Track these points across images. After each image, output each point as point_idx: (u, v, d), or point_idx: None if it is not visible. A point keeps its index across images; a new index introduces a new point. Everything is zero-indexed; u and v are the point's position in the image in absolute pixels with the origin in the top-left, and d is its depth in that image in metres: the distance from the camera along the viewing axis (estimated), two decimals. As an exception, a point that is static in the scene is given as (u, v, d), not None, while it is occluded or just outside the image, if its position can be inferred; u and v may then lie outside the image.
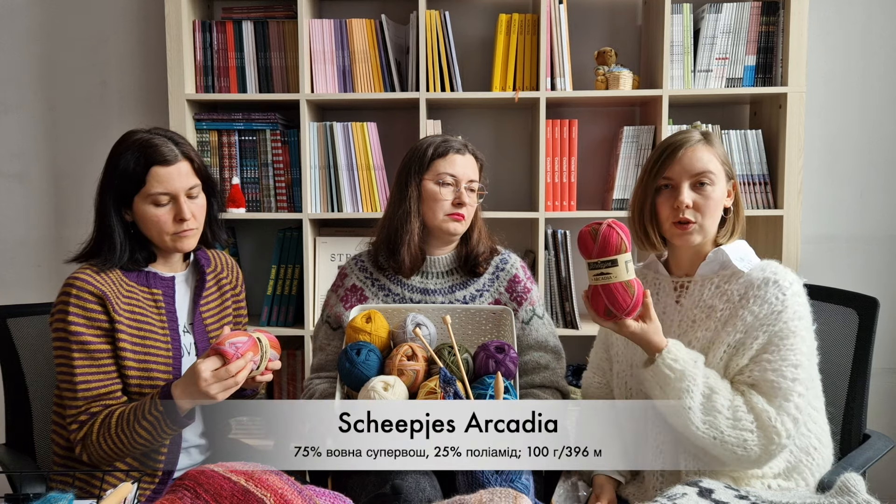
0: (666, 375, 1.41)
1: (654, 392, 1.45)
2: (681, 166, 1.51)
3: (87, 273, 1.50)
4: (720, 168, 1.51)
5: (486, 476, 1.07)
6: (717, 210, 1.51)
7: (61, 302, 1.48)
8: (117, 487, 1.04)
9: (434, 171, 1.71)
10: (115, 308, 1.49)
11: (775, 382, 1.40)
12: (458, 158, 1.72)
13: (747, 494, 1.35)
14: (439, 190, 1.70)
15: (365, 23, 2.39)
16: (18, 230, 2.70)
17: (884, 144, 2.60)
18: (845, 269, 2.61)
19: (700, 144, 1.52)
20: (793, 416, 1.39)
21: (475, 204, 1.75)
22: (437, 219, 1.72)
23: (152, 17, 2.61)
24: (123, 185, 1.50)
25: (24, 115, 2.67)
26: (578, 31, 2.55)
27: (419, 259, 1.75)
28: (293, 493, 0.89)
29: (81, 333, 1.46)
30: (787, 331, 1.42)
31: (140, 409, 1.44)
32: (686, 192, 1.50)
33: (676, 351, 1.43)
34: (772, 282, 1.46)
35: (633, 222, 1.59)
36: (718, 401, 1.40)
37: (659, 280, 1.61)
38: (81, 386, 1.46)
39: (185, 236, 1.54)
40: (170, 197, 1.51)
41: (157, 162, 1.49)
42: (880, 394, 2.55)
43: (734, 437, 1.38)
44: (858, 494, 1.34)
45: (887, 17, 2.56)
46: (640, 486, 1.55)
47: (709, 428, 1.39)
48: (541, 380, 1.71)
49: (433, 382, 1.47)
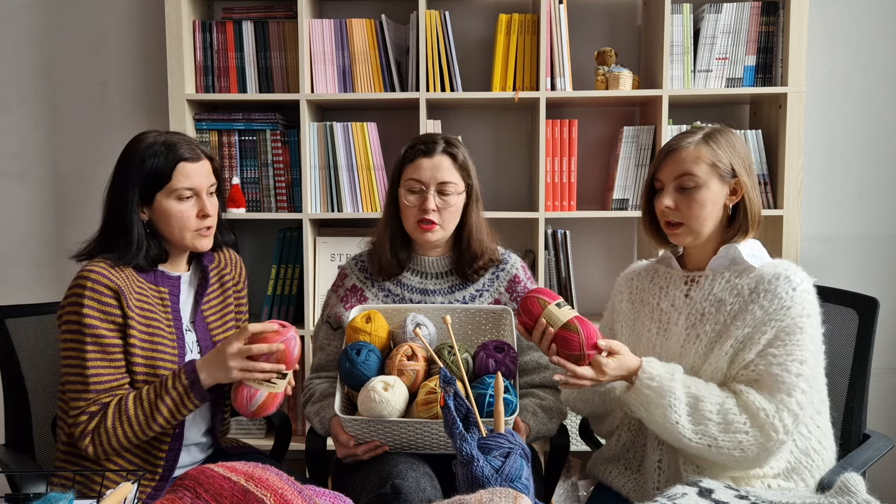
0: (646, 395, 1.41)
1: (640, 413, 1.45)
2: (667, 168, 1.51)
3: (102, 266, 1.50)
4: (709, 169, 1.48)
5: (486, 476, 1.07)
6: (703, 211, 1.48)
7: (75, 294, 1.48)
8: (117, 487, 1.04)
9: (404, 177, 1.68)
10: (129, 303, 1.49)
11: (779, 377, 1.39)
12: (425, 162, 1.66)
13: (747, 494, 1.35)
14: (407, 196, 1.67)
15: (365, 23, 2.39)
16: (19, 230, 2.70)
17: (884, 144, 2.60)
18: (845, 269, 2.61)
19: (693, 146, 1.49)
20: (793, 413, 1.38)
21: (452, 205, 1.67)
22: (410, 226, 1.70)
23: (152, 18, 2.61)
24: (148, 181, 1.52)
25: (24, 115, 2.67)
26: (578, 31, 2.55)
27: (393, 266, 1.74)
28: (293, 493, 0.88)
29: (96, 326, 1.46)
30: (794, 326, 1.42)
31: (161, 387, 1.46)
32: (668, 195, 1.50)
33: (651, 369, 1.42)
34: (783, 277, 1.45)
35: (643, 222, 1.62)
36: (706, 408, 1.39)
37: (670, 274, 1.60)
38: (93, 379, 1.46)
39: (206, 235, 1.58)
40: (193, 193, 1.54)
41: (184, 158, 1.53)
42: (880, 394, 2.55)
43: (728, 440, 1.38)
44: (858, 494, 1.34)
45: (887, 17, 2.56)
46: (640, 486, 1.56)
47: (701, 437, 1.39)
48: (541, 379, 1.71)
49: (433, 382, 1.47)
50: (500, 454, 1.10)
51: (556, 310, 1.45)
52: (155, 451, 1.54)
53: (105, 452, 1.47)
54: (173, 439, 1.54)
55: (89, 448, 1.47)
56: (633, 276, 1.68)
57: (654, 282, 1.62)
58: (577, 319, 1.44)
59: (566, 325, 1.43)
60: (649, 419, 1.44)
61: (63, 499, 1.04)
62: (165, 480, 1.54)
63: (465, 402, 1.18)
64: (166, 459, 1.54)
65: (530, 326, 1.47)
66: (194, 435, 1.63)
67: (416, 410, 1.47)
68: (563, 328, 1.43)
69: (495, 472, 1.07)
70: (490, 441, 1.12)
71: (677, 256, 1.63)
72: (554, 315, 1.45)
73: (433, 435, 1.46)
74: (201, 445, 1.67)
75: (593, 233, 2.66)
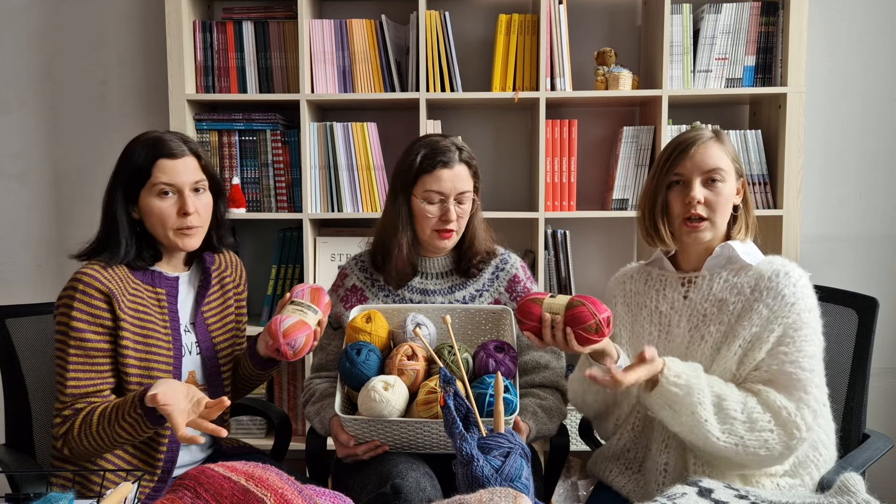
0: (674, 393, 1.38)
1: (663, 413, 1.42)
2: (692, 163, 1.50)
3: (95, 269, 1.50)
4: (731, 165, 1.51)
5: (486, 475, 1.07)
6: (727, 207, 1.51)
7: (67, 296, 1.49)
8: (117, 487, 1.04)
9: (421, 186, 1.66)
10: (121, 306, 1.49)
11: (794, 374, 1.39)
12: (445, 173, 1.65)
13: (747, 494, 1.35)
14: (426, 207, 1.67)
15: (365, 23, 2.39)
16: (19, 230, 2.70)
17: (883, 144, 2.60)
18: (845, 269, 2.61)
19: (711, 142, 1.52)
20: (812, 409, 1.38)
21: (467, 213, 1.70)
22: (425, 234, 1.70)
23: (152, 18, 2.61)
24: (131, 179, 1.52)
25: (25, 116, 2.67)
26: (578, 31, 2.55)
27: (407, 273, 1.74)
28: (293, 493, 0.89)
29: (82, 330, 1.47)
30: (800, 322, 1.43)
31: (121, 410, 1.42)
32: (698, 189, 1.50)
33: (676, 367, 1.41)
34: (782, 273, 1.46)
35: (642, 219, 1.60)
36: (730, 406, 1.38)
37: (665, 276, 1.60)
38: (71, 382, 1.47)
39: (189, 234, 1.55)
40: (174, 190, 1.53)
41: (163, 154, 1.51)
42: (880, 394, 2.56)
43: (755, 439, 1.37)
44: (858, 494, 1.34)
45: (887, 17, 2.56)
46: (640, 486, 1.55)
47: (728, 436, 1.37)
48: (541, 379, 1.71)
49: (433, 382, 1.47)
50: (500, 454, 1.10)
51: (552, 300, 1.46)
52: (153, 450, 1.54)
53: (79, 457, 1.48)
54: (171, 440, 1.54)
55: (64, 450, 1.48)
56: (625, 280, 1.67)
57: (648, 284, 1.61)
58: (576, 297, 1.44)
59: (569, 305, 1.43)
60: (675, 420, 1.40)
61: (63, 499, 1.04)
62: (164, 481, 1.54)
63: (465, 402, 1.18)
64: (165, 459, 1.54)
65: (537, 328, 1.46)
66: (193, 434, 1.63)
67: (416, 410, 1.47)
68: (569, 308, 1.42)
69: (495, 471, 1.07)
70: (490, 441, 1.12)
71: (669, 257, 1.63)
72: (553, 304, 1.45)
73: (433, 435, 1.46)
74: (201, 445, 1.66)
75: (593, 233, 2.66)
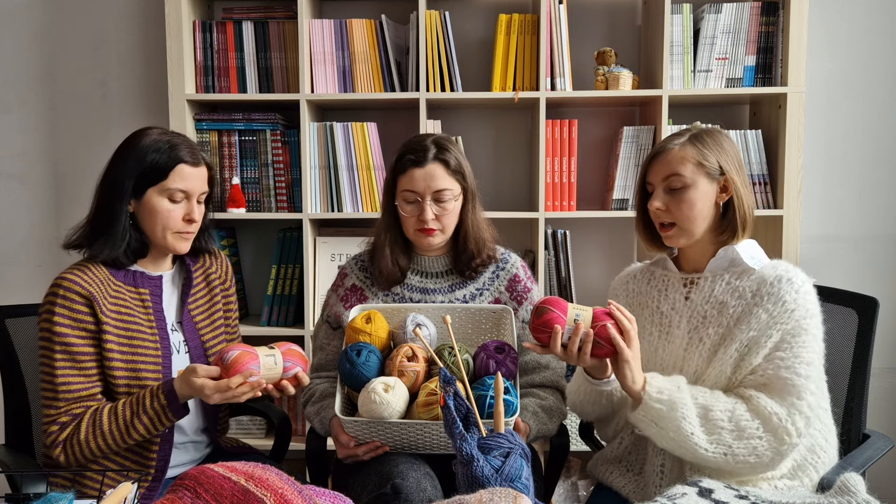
0: (657, 410, 1.38)
1: (650, 431, 1.42)
2: (655, 170, 1.52)
3: (74, 273, 1.51)
4: (695, 168, 1.48)
5: (486, 476, 1.07)
6: (693, 211, 1.48)
7: (48, 302, 1.49)
8: (117, 487, 1.04)
9: (399, 187, 1.68)
10: (103, 309, 1.50)
11: (789, 380, 1.39)
12: (417, 172, 1.65)
13: (747, 494, 1.35)
14: (404, 206, 1.68)
15: (365, 23, 2.39)
16: (19, 230, 2.70)
17: (884, 144, 2.60)
18: (845, 269, 2.61)
19: (679, 147, 1.50)
20: (805, 415, 1.38)
21: (450, 210, 1.68)
22: (410, 234, 1.71)
23: (152, 18, 2.61)
24: (144, 175, 1.52)
25: (24, 115, 2.67)
26: (578, 31, 2.55)
27: (395, 274, 1.74)
28: (293, 493, 0.88)
29: (66, 335, 1.47)
30: (799, 329, 1.42)
31: (139, 404, 1.45)
32: (658, 196, 1.51)
33: (657, 382, 1.40)
34: (785, 279, 1.45)
35: (638, 223, 1.62)
36: (716, 416, 1.38)
37: (668, 276, 1.60)
38: (62, 388, 1.47)
39: (186, 238, 1.58)
40: (185, 196, 1.55)
41: (184, 160, 1.54)
42: (880, 394, 2.56)
43: (743, 447, 1.37)
44: (858, 494, 1.34)
45: (887, 17, 2.56)
46: (640, 487, 1.55)
47: (717, 447, 1.37)
48: (541, 379, 1.71)
49: (433, 384, 1.47)
50: (500, 454, 1.10)
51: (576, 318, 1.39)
52: (146, 451, 1.54)
53: (77, 462, 1.48)
54: (164, 440, 1.55)
55: (60, 457, 1.47)
56: (628, 280, 1.67)
57: (651, 284, 1.62)
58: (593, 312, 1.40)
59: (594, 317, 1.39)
60: (661, 436, 1.40)
61: (63, 499, 1.04)
62: (158, 481, 1.54)
63: (465, 402, 1.17)
64: (157, 460, 1.54)
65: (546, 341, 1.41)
66: (189, 433, 1.63)
67: (416, 411, 1.47)
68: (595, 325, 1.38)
69: (495, 471, 1.07)
70: (490, 441, 1.12)
71: (673, 258, 1.63)
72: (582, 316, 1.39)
73: (433, 436, 1.45)
74: (198, 444, 1.67)
75: (593, 233, 2.66)
